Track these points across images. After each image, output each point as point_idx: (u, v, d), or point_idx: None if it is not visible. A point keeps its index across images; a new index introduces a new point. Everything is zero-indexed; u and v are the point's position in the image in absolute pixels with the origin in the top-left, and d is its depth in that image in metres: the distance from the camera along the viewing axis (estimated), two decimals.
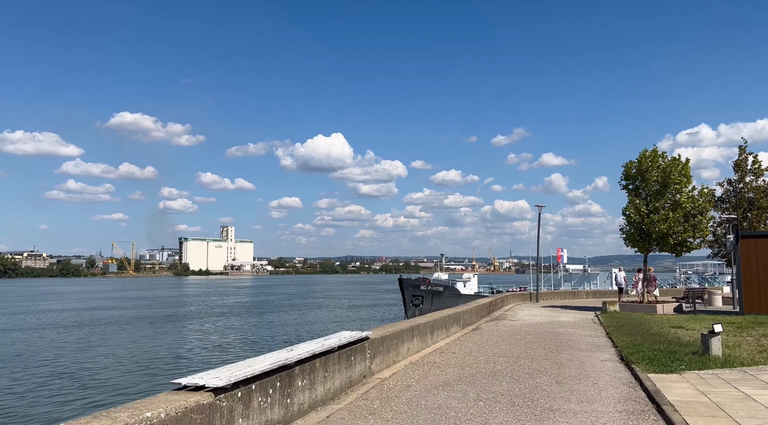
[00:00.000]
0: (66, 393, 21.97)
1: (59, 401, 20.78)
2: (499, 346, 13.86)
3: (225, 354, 32.44)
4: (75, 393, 22.14)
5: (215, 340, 39.56)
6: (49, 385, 23.49)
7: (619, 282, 30.41)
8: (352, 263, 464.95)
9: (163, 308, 71.77)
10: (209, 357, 31.89)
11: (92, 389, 22.87)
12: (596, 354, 12.65)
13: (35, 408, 19.83)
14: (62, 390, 22.65)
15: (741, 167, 31.99)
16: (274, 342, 38.09)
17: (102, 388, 22.98)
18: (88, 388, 22.94)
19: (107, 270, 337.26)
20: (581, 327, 19.30)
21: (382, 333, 10.10)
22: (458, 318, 17.29)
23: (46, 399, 21.18)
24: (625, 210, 26.80)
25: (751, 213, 30.92)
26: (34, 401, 20.87)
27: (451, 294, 55.73)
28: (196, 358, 31.51)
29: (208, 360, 30.06)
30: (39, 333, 43.00)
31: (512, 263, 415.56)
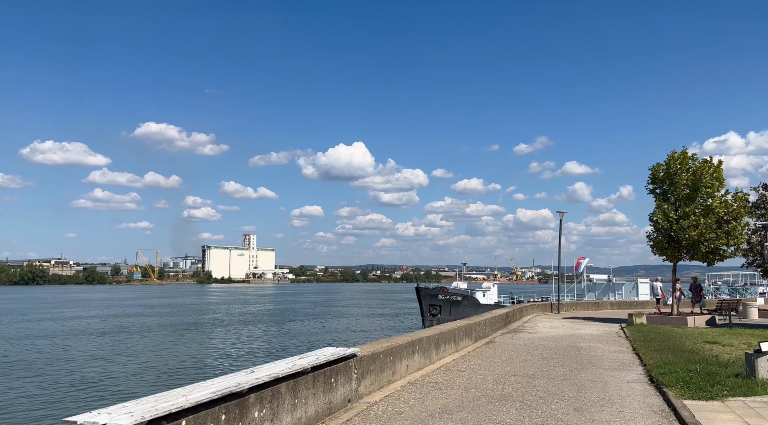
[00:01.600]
0: (67, 399, 21.18)
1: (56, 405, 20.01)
2: (512, 363, 12.48)
3: (237, 362, 31.53)
4: (78, 399, 21.37)
5: (232, 348, 39.19)
6: (54, 389, 22.76)
7: (656, 292, 28.65)
8: (373, 272, 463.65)
9: (185, 316, 71.83)
10: (222, 364, 31.11)
11: (94, 396, 22.26)
12: (622, 374, 11.21)
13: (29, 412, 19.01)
14: (64, 396, 21.87)
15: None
16: (285, 350, 37.19)
17: (105, 395, 22.36)
18: (91, 396, 22.24)
19: (132, 278, 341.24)
20: (605, 341, 17.78)
21: (374, 350, 8.85)
22: (469, 331, 15.93)
23: (46, 403, 20.38)
24: (652, 215, 25.17)
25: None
26: (33, 405, 20.10)
27: (470, 303, 54.20)
28: (210, 365, 31.07)
29: (219, 367, 29.14)
30: (62, 341, 43.05)
31: (535, 273, 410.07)
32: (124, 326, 55.44)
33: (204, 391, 5.02)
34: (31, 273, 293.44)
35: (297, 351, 35.92)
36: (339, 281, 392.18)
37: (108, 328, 52.90)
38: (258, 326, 56.81)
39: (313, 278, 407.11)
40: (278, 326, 56.81)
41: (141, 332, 49.49)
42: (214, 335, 47.54)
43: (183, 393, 5.00)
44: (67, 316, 68.97)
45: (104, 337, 45.11)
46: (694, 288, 26.76)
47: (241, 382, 5.40)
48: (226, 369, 28.75)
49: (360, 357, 8.22)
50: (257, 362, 30.26)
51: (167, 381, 25.73)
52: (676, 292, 25.65)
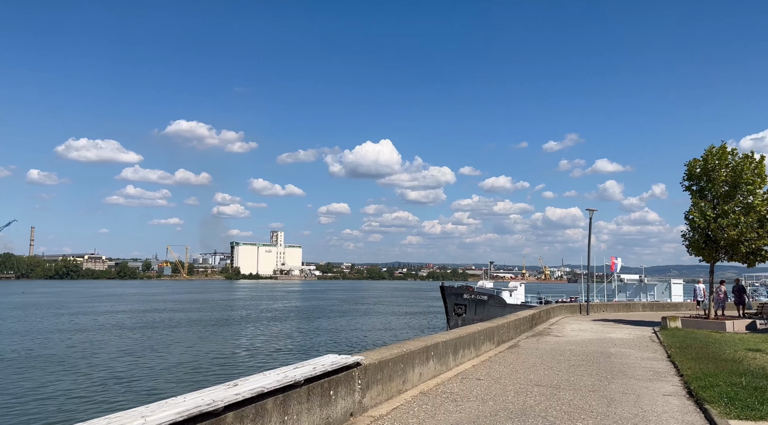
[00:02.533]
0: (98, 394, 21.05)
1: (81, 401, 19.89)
2: (536, 371, 11.61)
3: (262, 360, 31.22)
4: (101, 393, 21.29)
5: (259, 345, 39.67)
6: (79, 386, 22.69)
7: (699, 294, 27.19)
8: (399, 269, 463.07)
9: (214, 312, 72.71)
10: (247, 362, 31.13)
11: (119, 391, 22.58)
12: (656, 386, 10.26)
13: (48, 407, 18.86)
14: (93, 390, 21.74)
15: None
16: (313, 348, 36.87)
17: (128, 390, 22.43)
18: (114, 390, 22.26)
19: (162, 273, 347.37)
20: (637, 346, 16.73)
21: (382, 357, 8.11)
22: (491, 334, 15.08)
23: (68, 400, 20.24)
24: (688, 214, 23.86)
25: None
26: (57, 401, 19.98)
27: (496, 303, 53.08)
28: (234, 363, 31.28)
29: (244, 365, 28.87)
30: (94, 335, 43.83)
31: (564, 272, 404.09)
32: (155, 321, 56.22)
33: (169, 411, 4.35)
34: (65, 268, 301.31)
35: (319, 351, 35.61)
36: (365, 278, 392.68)
37: (139, 323, 53.68)
38: (285, 323, 56.84)
39: (339, 275, 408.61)
40: (306, 323, 56.75)
41: (171, 328, 50.01)
42: (242, 332, 47.67)
43: (143, 413, 4.34)
44: (99, 311, 70.25)
45: (135, 332, 45.72)
46: (737, 290, 25.35)
47: (217, 399, 4.71)
48: (249, 367, 28.69)
49: (365, 365, 7.49)
50: (285, 359, 30.26)
51: (194, 379, 25.84)
52: (720, 294, 24.30)
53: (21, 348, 35.68)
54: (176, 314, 66.63)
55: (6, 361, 30.52)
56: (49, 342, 38.75)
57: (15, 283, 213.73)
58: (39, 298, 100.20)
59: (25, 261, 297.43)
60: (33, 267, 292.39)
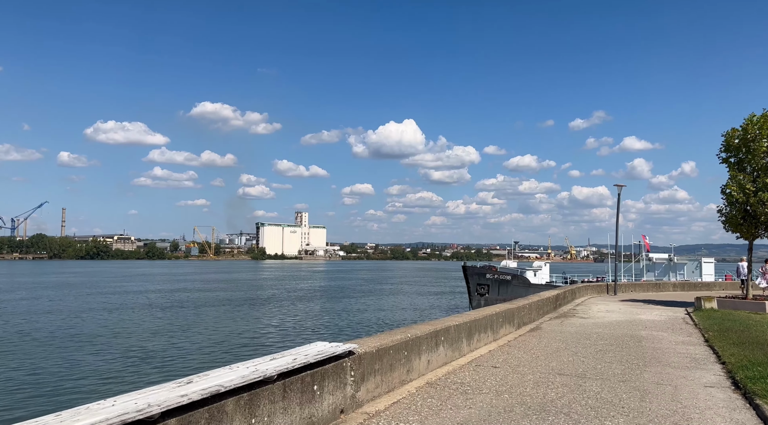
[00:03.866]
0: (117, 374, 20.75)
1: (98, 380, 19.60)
2: (558, 357, 10.56)
3: (287, 339, 30.73)
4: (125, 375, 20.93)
5: (285, 324, 39.59)
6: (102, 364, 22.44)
7: (743, 273, 25.43)
8: (423, 250, 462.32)
9: (242, 291, 73.44)
10: (267, 342, 30.57)
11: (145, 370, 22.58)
12: (695, 375, 9.13)
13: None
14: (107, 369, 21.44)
15: None
16: (338, 329, 36.47)
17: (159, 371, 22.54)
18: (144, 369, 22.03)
19: (189, 254, 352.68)
20: (670, 329, 15.52)
21: (381, 344, 7.14)
22: (511, 316, 14.03)
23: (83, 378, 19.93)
24: (725, 188, 22.32)
25: None
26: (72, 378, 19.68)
27: (520, 283, 51.90)
28: (259, 343, 31.01)
29: (261, 345, 28.38)
30: (124, 314, 44.24)
31: (590, 251, 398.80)
32: (182, 301, 56.74)
33: (89, 419, 3.45)
34: (96, 248, 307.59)
35: (333, 333, 35.02)
36: (389, 259, 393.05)
37: (167, 303, 54.22)
38: (312, 303, 56.72)
39: (363, 255, 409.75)
40: (329, 303, 56.56)
41: (199, 307, 50.45)
42: (268, 311, 47.68)
43: (60, 419, 3.46)
44: (130, 290, 71.15)
45: (164, 312, 46.20)
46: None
47: (154, 403, 3.79)
48: (252, 350, 28.26)
49: (359, 354, 6.54)
50: (288, 343, 29.54)
51: (222, 357, 25.43)
52: (765, 274, 22.78)
53: (50, 327, 36.07)
54: (203, 294, 67.14)
55: (34, 341, 30.75)
56: (78, 322, 39.18)
57: (48, 263, 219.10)
58: (71, 278, 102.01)
59: (57, 242, 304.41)
60: (65, 248, 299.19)
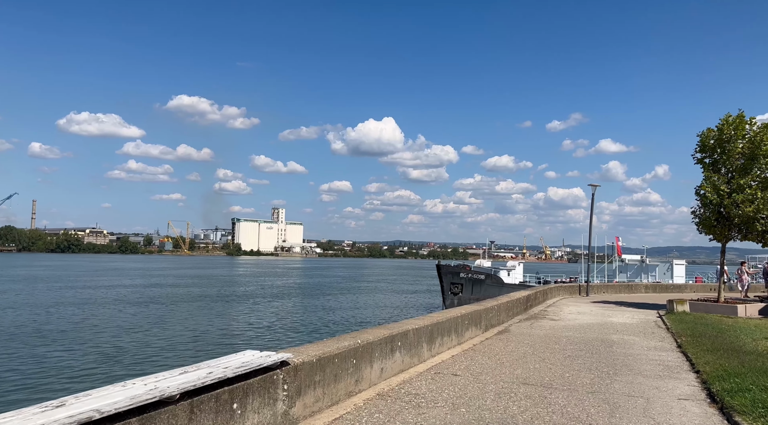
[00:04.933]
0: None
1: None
2: (525, 364, 9.89)
3: (262, 337, 29.75)
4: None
5: (258, 323, 38.35)
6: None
7: (724, 276, 25.63)
8: (400, 248, 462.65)
9: (214, 288, 71.97)
10: (233, 342, 29.61)
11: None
12: (668, 385, 8.52)
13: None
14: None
15: None
16: (311, 327, 35.63)
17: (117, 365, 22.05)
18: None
19: (163, 249, 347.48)
20: (642, 333, 15.01)
21: (323, 352, 6.34)
22: (478, 318, 13.36)
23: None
24: (699, 188, 21.98)
25: None
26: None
27: (493, 282, 51.57)
28: (225, 342, 29.95)
29: (226, 345, 27.38)
30: (93, 309, 42.98)
31: (564, 252, 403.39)
32: (150, 297, 55.42)
33: None
34: (67, 242, 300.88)
35: (315, 330, 34.18)
36: (366, 256, 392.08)
37: (135, 299, 52.87)
38: (281, 301, 55.77)
39: (340, 253, 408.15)
40: (302, 302, 55.80)
41: (164, 304, 49.06)
42: (233, 310, 46.52)
43: None
44: (99, 285, 69.37)
45: (130, 308, 44.94)
46: (766, 272, 23.68)
47: None
48: (241, 343, 27.42)
49: (295, 365, 5.74)
50: (291, 339, 28.75)
51: (165, 361, 24.42)
52: (744, 276, 22.59)
53: (18, 322, 34.75)
54: (171, 290, 65.67)
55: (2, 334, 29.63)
56: (42, 316, 37.84)
57: (16, 256, 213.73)
58: (40, 271, 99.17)
59: (27, 235, 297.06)
60: (34, 241, 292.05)
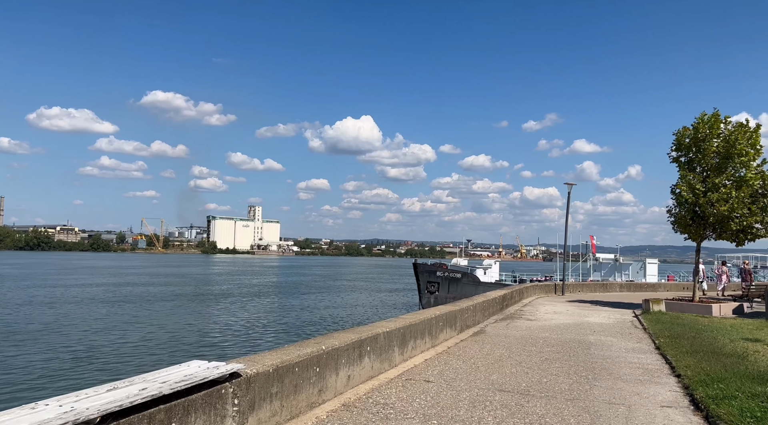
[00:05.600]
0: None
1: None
2: (501, 368, 9.45)
3: (236, 339, 28.91)
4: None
5: (230, 324, 37.53)
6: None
7: (700, 275, 26.06)
8: (378, 246, 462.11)
9: (186, 286, 70.66)
10: (219, 342, 28.56)
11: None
12: (650, 390, 8.15)
13: None
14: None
15: None
16: (286, 327, 34.72)
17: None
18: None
19: (136, 246, 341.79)
20: (619, 334, 14.73)
21: (281, 360, 5.78)
22: (453, 319, 12.90)
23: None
24: (675, 187, 21.87)
25: None
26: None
27: (470, 281, 51.39)
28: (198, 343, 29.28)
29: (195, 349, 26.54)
30: (61, 309, 41.92)
31: (540, 251, 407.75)
32: (120, 297, 54.02)
33: None
34: (36, 239, 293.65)
35: (284, 332, 33.42)
36: (343, 255, 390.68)
37: (105, 298, 51.41)
38: (258, 301, 54.65)
39: (317, 251, 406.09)
40: (281, 300, 55.04)
41: (134, 304, 47.83)
42: (209, 311, 45.45)
43: None
44: (68, 284, 67.42)
45: (92, 308, 43.79)
46: (744, 271, 23.73)
47: None
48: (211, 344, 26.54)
49: (248, 376, 5.18)
50: (255, 345, 27.95)
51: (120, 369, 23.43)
52: (722, 276, 22.62)
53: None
54: (140, 288, 64.20)
55: None
56: (13, 316, 36.33)
57: None
58: (7, 270, 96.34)
59: None
60: (2, 238, 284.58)
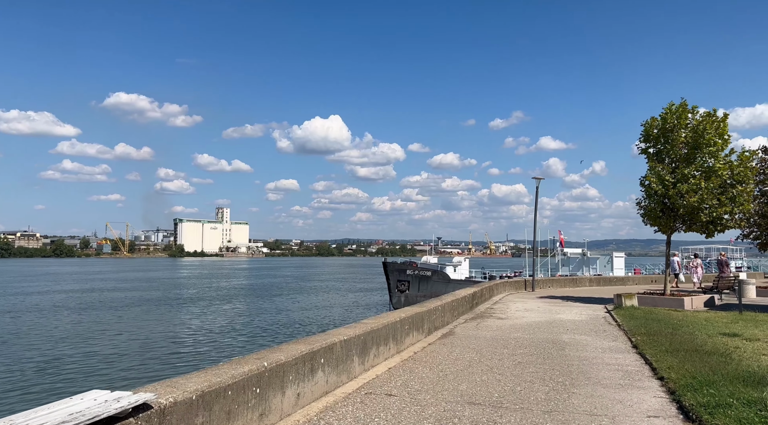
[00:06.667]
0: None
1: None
2: (470, 375, 8.64)
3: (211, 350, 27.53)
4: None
5: (165, 338, 35.23)
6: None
7: (674, 268, 28.04)
8: (349, 246, 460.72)
9: (149, 292, 68.57)
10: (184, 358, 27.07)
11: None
12: (632, 397, 7.43)
13: None
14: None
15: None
16: (256, 332, 33.42)
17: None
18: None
19: (101, 251, 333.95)
20: (593, 331, 14.13)
21: (208, 384, 4.83)
22: (420, 321, 12.08)
23: None
24: (644, 179, 21.51)
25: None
26: None
27: (440, 279, 50.89)
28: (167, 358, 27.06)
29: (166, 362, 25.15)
30: (21, 318, 40.16)
31: (508, 247, 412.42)
32: (90, 302, 51.88)
33: None
34: None
35: (256, 338, 32.21)
36: (314, 255, 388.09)
37: (75, 304, 49.04)
38: (220, 306, 52.93)
39: (288, 252, 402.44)
40: (245, 305, 53.58)
41: (89, 311, 45.84)
42: (170, 317, 43.73)
43: None
44: (30, 291, 64.55)
45: (58, 315, 41.58)
46: (721, 263, 23.58)
47: None
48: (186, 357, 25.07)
49: (162, 407, 4.22)
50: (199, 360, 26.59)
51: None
52: (697, 268, 22.39)
53: None
54: (117, 294, 61.79)
55: None
56: None
57: None
58: None
59: None
60: None
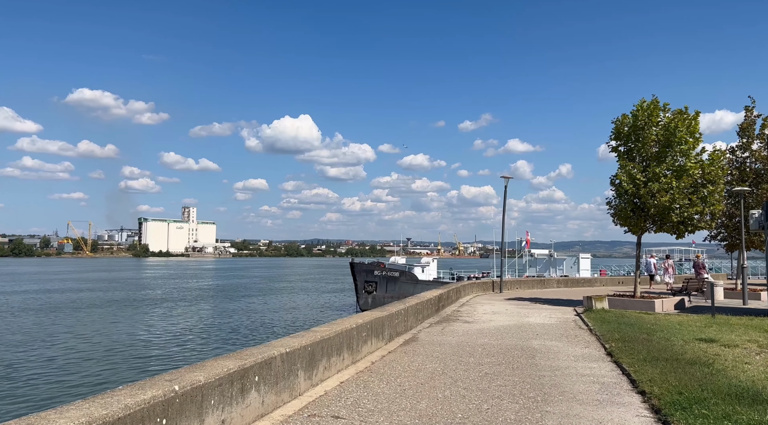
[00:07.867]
0: None
1: None
2: (432, 390, 7.67)
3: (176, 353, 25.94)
4: None
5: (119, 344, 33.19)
6: None
7: (650, 269, 28.88)
8: (318, 246, 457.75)
9: (117, 291, 65.93)
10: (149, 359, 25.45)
11: None
12: (613, 416, 6.56)
13: None
14: None
15: (747, 132, 26.33)
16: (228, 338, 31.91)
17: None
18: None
19: (62, 251, 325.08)
20: (564, 337, 13.34)
21: (88, 419, 3.73)
22: (380, 327, 11.08)
23: None
24: (615, 178, 20.97)
25: (758, 188, 25.40)
26: None
27: (408, 279, 50.05)
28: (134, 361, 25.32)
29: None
30: None
31: (477, 248, 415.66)
32: (48, 304, 49.53)
33: None
34: None
35: (209, 345, 30.77)
36: (283, 256, 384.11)
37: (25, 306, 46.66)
38: (189, 307, 50.93)
39: (256, 252, 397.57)
40: (215, 305, 51.78)
41: (65, 312, 43.56)
42: (142, 318, 41.71)
43: None
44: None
45: (14, 318, 39.36)
46: (697, 265, 23.24)
47: None
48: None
49: None
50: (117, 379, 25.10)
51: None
52: (669, 269, 22.04)
53: None
54: (79, 294, 59.05)
55: None
56: None
57: None
58: None
59: None
60: None
